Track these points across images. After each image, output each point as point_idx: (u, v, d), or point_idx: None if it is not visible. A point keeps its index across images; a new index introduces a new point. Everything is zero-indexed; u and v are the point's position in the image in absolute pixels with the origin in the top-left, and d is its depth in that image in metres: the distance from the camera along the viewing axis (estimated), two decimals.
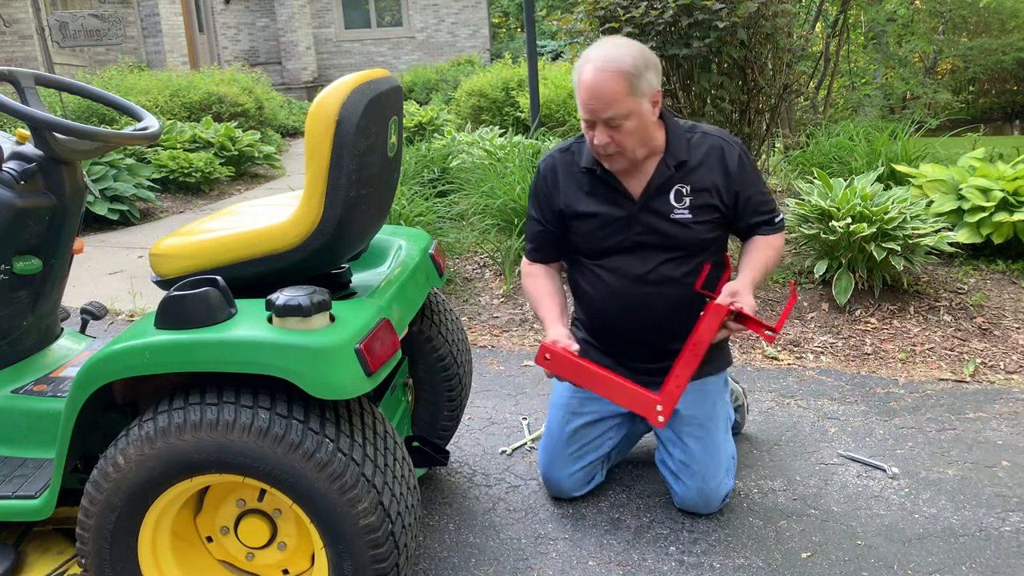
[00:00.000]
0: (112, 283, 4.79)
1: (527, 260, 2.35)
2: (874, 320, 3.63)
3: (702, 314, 2.07)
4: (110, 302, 4.36)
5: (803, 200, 4.02)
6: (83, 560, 1.66)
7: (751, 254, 2.20)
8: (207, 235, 1.84)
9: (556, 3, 18.82)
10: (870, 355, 3.38)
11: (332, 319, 1.61)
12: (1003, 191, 3.98)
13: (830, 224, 3.70)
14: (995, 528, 2.17)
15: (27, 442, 1.99)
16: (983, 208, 3.97)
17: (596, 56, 2.01)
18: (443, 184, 5.62)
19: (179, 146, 7.47)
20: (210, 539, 1.79)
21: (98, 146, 2.16)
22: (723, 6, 3.98)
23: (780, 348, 3.49)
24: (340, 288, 2.02)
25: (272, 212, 1.92)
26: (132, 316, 4.24)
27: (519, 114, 8.79)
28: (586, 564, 2.09)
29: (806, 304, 3.81)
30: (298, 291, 1.58)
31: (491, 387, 3.21)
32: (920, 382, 3.13)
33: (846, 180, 4.09)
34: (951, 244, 3.90)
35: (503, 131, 7.49)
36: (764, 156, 5.05)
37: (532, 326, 3.86)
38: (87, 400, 1.61)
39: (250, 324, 1.58)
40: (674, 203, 2.14)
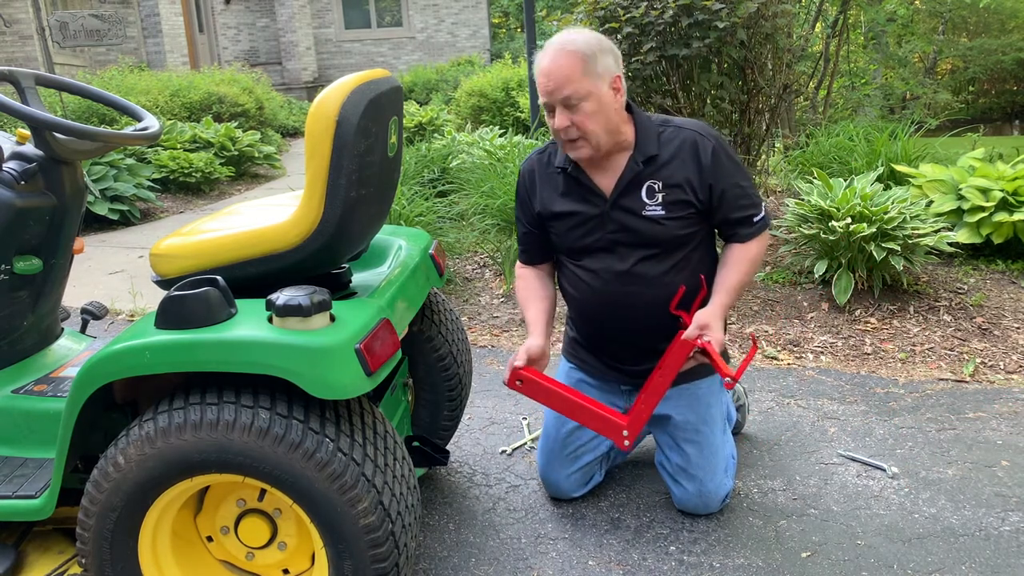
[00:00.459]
0: (112, 283, 4.79)
1: (519, 263, 2.39)
2: (874, 320, 3.63)
3: (671, 345, 2.08)
4: (110, 302, 4.36)
5: (803, 200, 4.02)
6: (83, 560, 1.66)
7: (725, 271, 2.14)
8: (207, 235, 1.84)
9: (556, 3, 18.82)
10: (870, 355, 3.38)
11: (332, 319, 1.61)
12: (1003, 191, 3.98)
13: (830, 224, 3.70)
14: (995, 528, 2.18)
15: (27, 442, 1.99)
16: (983, 208, 3.98)
17: (552, 42, 2.04)
18: (443, 184, 5.63)
19: (179, 146, 7.48)
20: (210, 539, 1.80)
21: (98, 146, 2.17)
22: (723, 6, 3.98)
23: (780, 348, 3.49)
24: (340, 288, 2.02)
25: (272, 212, 1.92)
26: (132, 316, 4.25)
27: (519, 114, 8.79)
28: (586, 564, 2.09)
29: (806, 304, 3.81)
30: (298, 291, 1.58)
31: (491, 387, 3.21)
32: (920, 382, 3.13)
33: (846, 180, 4.10)
34: (951, 244, 3.90)
35: (503, 131, 7.49)
36: (764, 156, 5.04)
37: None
38: (87, 400, 1.62)
39: (250, 324, 1.58)
40: (646, 200, 2.10)
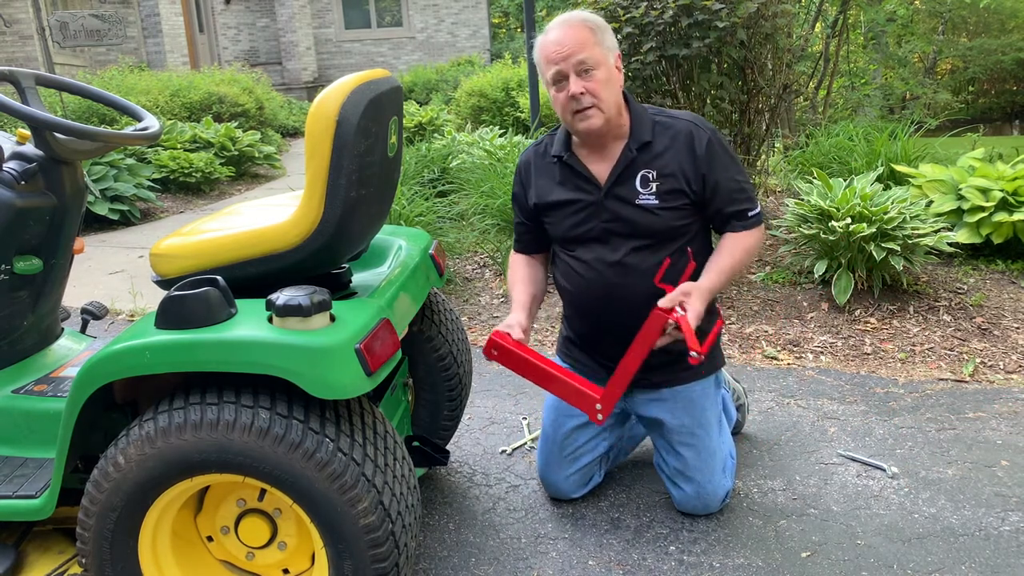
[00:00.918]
0: (112, 283, 4.79)
1: (513, 251, 2.43)
2: (874, 320, 3.63)
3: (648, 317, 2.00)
4: (110, 302, 4.36)
5: (803, 200, 4.02)
6: (83, 560, 1.66)
7: (718, 256, 2.12)
8: (207, 235, 1.84)
9: (556, 3, 18.80)
10: (870, 355, 3.38)
11: (332, 319, 1.61)
12: (1002, 191, 3.98)
13: (830, 224, 3.70)
14: (995, 528, 2.18)
15: (27, 442, 1.99)
16: (983, 208, 3.98)
17: (555, 21, 2.09)
18: (443, 184, 5.63)
19: (179, 146, 7.48)
20: (210, 539, 1.80)
21: (98, 146, 2.17)
22: (723, 6, 3.98)
23: (780, 348, 3.49)
24: (340, 288, 2.02)
25: (272, 212, 1.92)
26: (132, 316, 4.25)
27: (519, 114, 8.79)
28: (586, 564, 2.09)
29: (806, 304, 3.81)
30: (298, 291, 1.58)
31: (491, 387, 3.21)
32: (920, 382, 3.13)
33: (846, 180, 4.10)
34: (951, 244, 3.90)
35: (503, 131, 7.49)
36: (764, 156, 5.04)
37: (532, 326, 3.85)
38: (87, 400, 1.62)
39: (250, 324, 1.58)
40: (639, 188, 2.10)
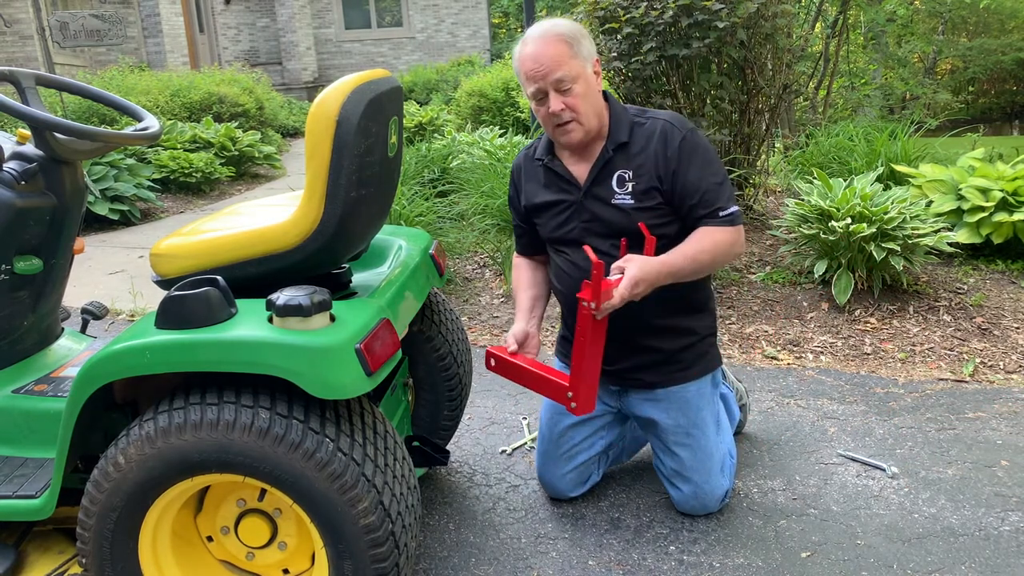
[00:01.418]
0: (112, 283, 4.80)
1: (515, 252, 2.44)
2: (874, 320, 3.64)
3: None
4: (110, 302, 4.36)
5: (803, 200, 4.02)
6: (83, 560, 1.66)
7: (684, 242, 2.05)
8: (208, 235, 1.84)
9: (556, 3, 18.81)
10: (870, 355, 3.38)
11: (332, 319, 1.62)
12: (1002, 191, 3.98)
13: (830, 224, 3.70)
14: (994, 528, 2.18)
15: (27, 442, 1.99)
16: (983, 208, 3.98)
17: (530, 33, 2.07)
18: (443, 184, 5.63)
19: (179, 146, 7.48)
20: (210, 539, 1.80)
21: (98, 146, 2.17)
22: (723, 6, 3.98)
23: (780, 348, 3.49)
24: (340, 288, 2.03)
25: (272, 212, 1.92)
26: (132, 316, 4.25)
27: (519, 114, 8.79)
28: (586, 564, 2.09)
29: (806, 304, 3.82)
30: (298, 291, 1.58)
31: (491, 387, 3.21)
32: (920, 382, 3.13)
33: (846, 180, 4.10)
34: (951, 244, 3.90)
35: (503, 131, 7.49)
36: (764, 156, 5.05)
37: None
38: (87, 400, 1.62)
39: (250, 324, 1.58)
40: (616, 188, 2.10)
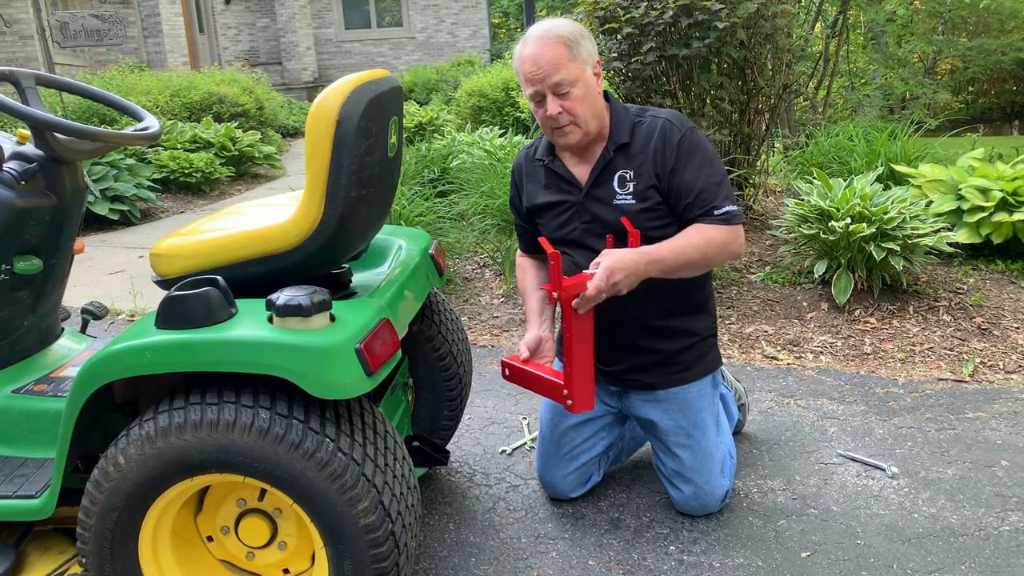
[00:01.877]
0: (112, 283, 4.80)
1: (519, 252, 2.44)
2: (873, 320, 3.64)
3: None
4: (110, 302, 4.36)
5: (803, 200, 4.02)
6: (84, 560, 1.66)
7: (675, 236, 2.02)
8: (208, 235, 1.84)
9: (556, 3, 18.80)
10: (869, 355, 3.39)
11: (332, 319, 1.62)
12: (1002, 191, 3.98)
13: (829, 224, 3.70)
14: (994, 528, 2.18)
15: (27, 442, 1.99)
16: (982, 208, 3.98)
17: (531, 34, 2.05)
18: (443, 184, 5.63)
19: (179, 146, 7.48)
20: (210, 539, 1.80)
21: (99, 146, 2.17)
22: (723, 6, 3.99)
23: (780, 348, 3.49)
24: (340, 288, 2.03)
25: (272, 212, 1.92)
26: (132, 316, 4.25)
27: (519, 114, 8.79)
28: (586, 564, 2.09)
29: (806, 304, 3.82)
30: (298, 291, 1.58)
31: (491, 387, 3.21)
32: (919, 382, 3.13)
33: (845, 180, 4.10)
34: (950, 244, 3.90)
35: (503, 131, 7.49)
36: (764, 156, 5.05)
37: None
38: (87, 400, 1.62)
39: (250, 324, 1.58)
40: (617, 189, 2.10)
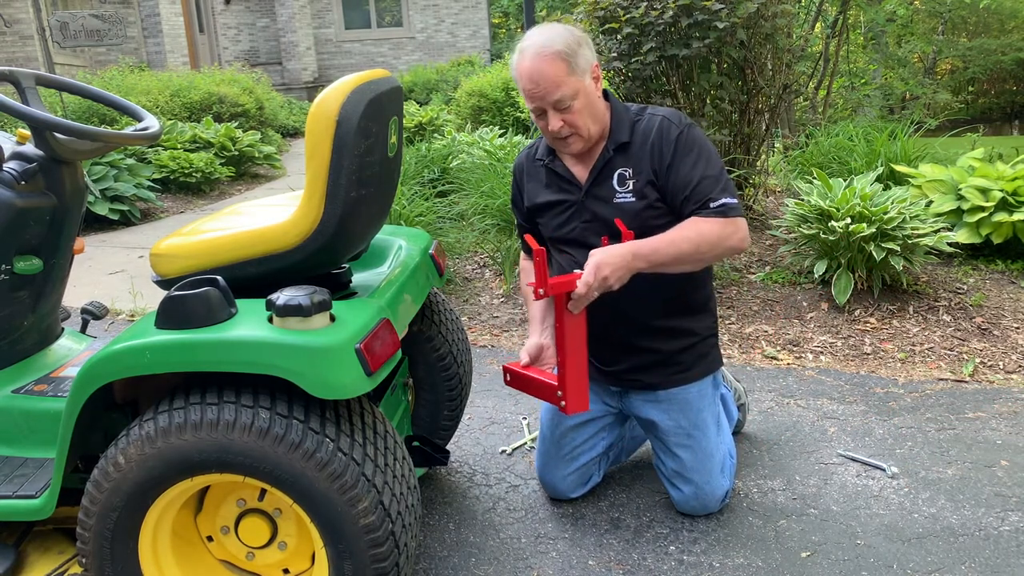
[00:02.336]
0: (112, 283, 4.80)
1: (522, 255, 2.44)
2: (873, 320, 3.64)
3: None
4: (110, 302, 4.36)
5: (802, 200, 4.02)
6: (84, 560, 1.66)
7: (669, 230, 2.01)
8: (208, 235, 1.84)
9: (556, 3, 18.81)
10: (869, 355, 3.39)
11: (332, 319, 1.62)
12: (1002, 191, 3.98)
13: (829, 224, 3.70)
14: (994, 528, 2.18)
15: (27, 442, 1.99)
16: (982, 208, 3.98)
17: (529, 45, 2.01)
18: (443, 184, 5.63)
19: (179, 146, 7.48)
20: (210, 539, 1.80)
21: (99, 146, 2.17)
22: (723, 6, 3.99)
23: (780, 348, 3.49)
24: (340, 288, 2.03)
25: (272, 212, 1.92)
26: (132, 316, 4.25)
27: (519, 114, 8.79)
28: (586, 564, 2.09)
29: (806, 304, 3.82)
30: (298, 291, 1.58)
31: (491, 387, 3.21)
32: (919, 382, 3.13)
33: (845, 180, 4.10)
34: (950, 244, 3.90)
35: (503, 131, 7.49)
36: (764, 156, 5.05)
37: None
38: (87, 400, 1.62)
39: (250, 324, 1.58)
40: (617, 187, 2.10)
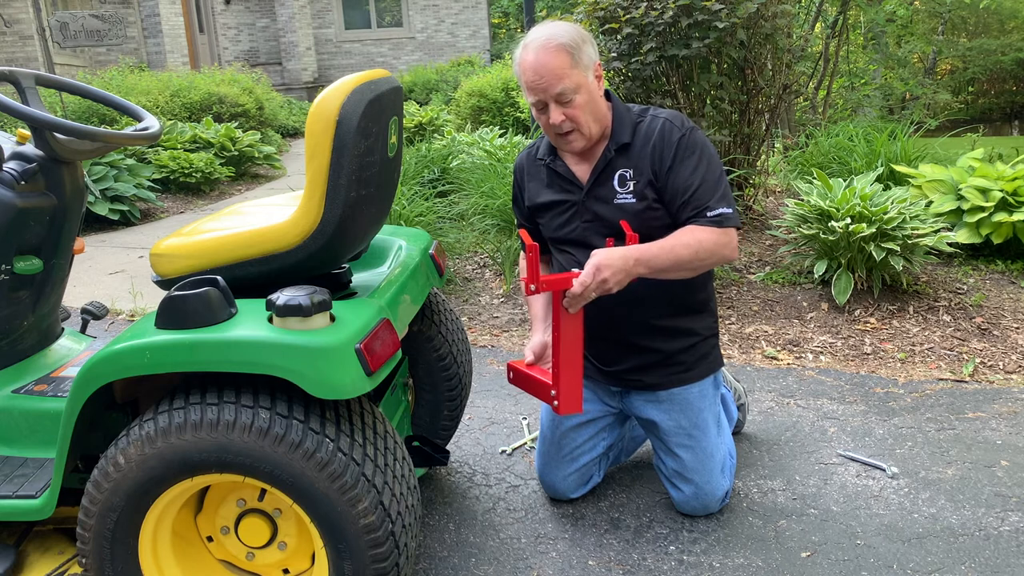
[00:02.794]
0: (112, 283, 4.80)
1: (522, 253, 2.40)
2: (873, 320, 3.64)
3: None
4: (110, 302, 4.36)
5: (802, 200, 4.02)
6: (84, 560, 1.66)
7: (666, 238, 2.01)
8: (208, 235, 1.84)
9: (556, 3, 18.80)
10: (869, 355, 3.39)
11: (332, 319, 1.62)
12: (1002, 191, 3.98)
13: (829, 224, 3.70)
14: (994, 528, 2.18)
15: (28, 442, 1.99)
16: (982, 208, 3.98)
17: (533, 39, 2.03)
18: (443, 184, 5.63)
19: (179, 146, 7.48)
20: (210, 539, 1.80)
21: (99, 146, 2.17)
22: (723, 6, 3.99)
23: (780, 348, 3.49)
24: (340, 288, 2.03)
25: (272, 212, 1.92)
26: (132, 316, 4.25)
27: (519, 114, 8.79)
28: (586, 564, 2.09)
29: (806, 304, 3.82)
30: (298, 291, 1.58)
31: (491, 387, 3.21)
32: (919, 382, 3.13)
33: (845, 180, 4.10)
34: (950, 244, 3.91)
35: (503, 131, 7.49)
36: (764, 156, 5.05)
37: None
38: (87, 400, 1.62)
39: (251, 324, 1.58)
40: (618, 188, 2.11)
